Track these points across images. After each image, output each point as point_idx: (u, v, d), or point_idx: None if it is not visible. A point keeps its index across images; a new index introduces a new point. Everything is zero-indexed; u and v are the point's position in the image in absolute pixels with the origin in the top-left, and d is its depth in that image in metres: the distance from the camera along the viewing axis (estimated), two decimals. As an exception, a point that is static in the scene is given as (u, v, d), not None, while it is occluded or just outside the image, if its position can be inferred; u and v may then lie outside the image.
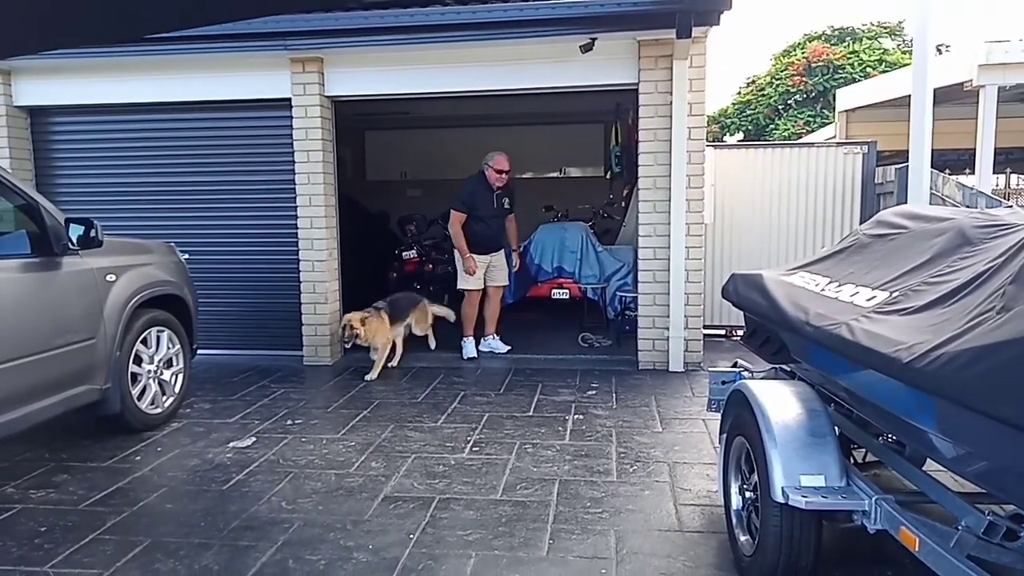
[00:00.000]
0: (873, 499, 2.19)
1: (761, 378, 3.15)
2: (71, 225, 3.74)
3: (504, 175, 6.25)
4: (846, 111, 11.98)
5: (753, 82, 24.04)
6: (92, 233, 3.78)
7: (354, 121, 9.01)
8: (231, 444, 4.19)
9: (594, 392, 5.20)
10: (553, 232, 7.43)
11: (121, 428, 4.26)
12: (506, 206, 6.36)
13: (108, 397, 4.01)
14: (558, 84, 5.95)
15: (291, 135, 6.13)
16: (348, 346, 5.85)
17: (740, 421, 2.75)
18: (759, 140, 19.69)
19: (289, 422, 4.60)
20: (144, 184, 6.53)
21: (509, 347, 6.53)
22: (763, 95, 22.75)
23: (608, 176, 9.77)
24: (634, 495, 3.40)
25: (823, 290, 2.67)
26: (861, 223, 5.79)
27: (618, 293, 6.99)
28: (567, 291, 7.27)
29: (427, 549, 2.90)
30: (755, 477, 2.57)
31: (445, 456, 3.94)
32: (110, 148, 6.56)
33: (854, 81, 17.32)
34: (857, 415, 2.65)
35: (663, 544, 2.91)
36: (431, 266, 8.58)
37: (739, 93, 24.54)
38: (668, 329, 5.81)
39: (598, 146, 10.56)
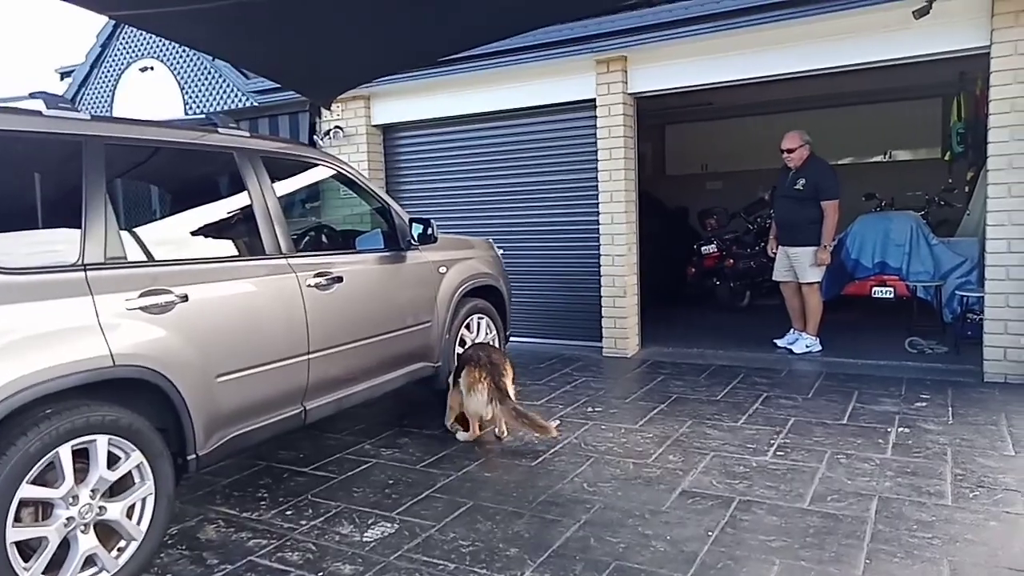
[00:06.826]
0: None
1: None
2: (413, 224, 4.36)
3: (787, 154, 5.98)
4: None
5: None
6: (429, 231, 4.37)
7: (654, 116, 9.06)
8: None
9: (924, 404, 4.56)
10: (874, 223, 6.69)
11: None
12: (797, 187, 5.92)
13: (440, 373, 4.60)
14: (884, 57, 5.33)
15: (595, 134, 6.38)
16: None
17: None
18: None
19: (589, 409, 4.82)
20: (464, 185, 7.34)
21: (816, 348, 6.06)
22: None
23: (947, 158, 8.47)
24: (976, 524, 2.92)
25: None
26: None
27: (958, 293, 6.03)
28: (892, 289, 6.48)
29: (727, 549, 2.82)
30: None
31: (746, 457, 3.79)
32: (436, 156, 7.50)
33: None
34: None
35: (1017, 588, 2.46)
36: (732, 261, 8.29)
37: None
38: (1026, 336, 4.87)
39: (933, 124, 9.20)
